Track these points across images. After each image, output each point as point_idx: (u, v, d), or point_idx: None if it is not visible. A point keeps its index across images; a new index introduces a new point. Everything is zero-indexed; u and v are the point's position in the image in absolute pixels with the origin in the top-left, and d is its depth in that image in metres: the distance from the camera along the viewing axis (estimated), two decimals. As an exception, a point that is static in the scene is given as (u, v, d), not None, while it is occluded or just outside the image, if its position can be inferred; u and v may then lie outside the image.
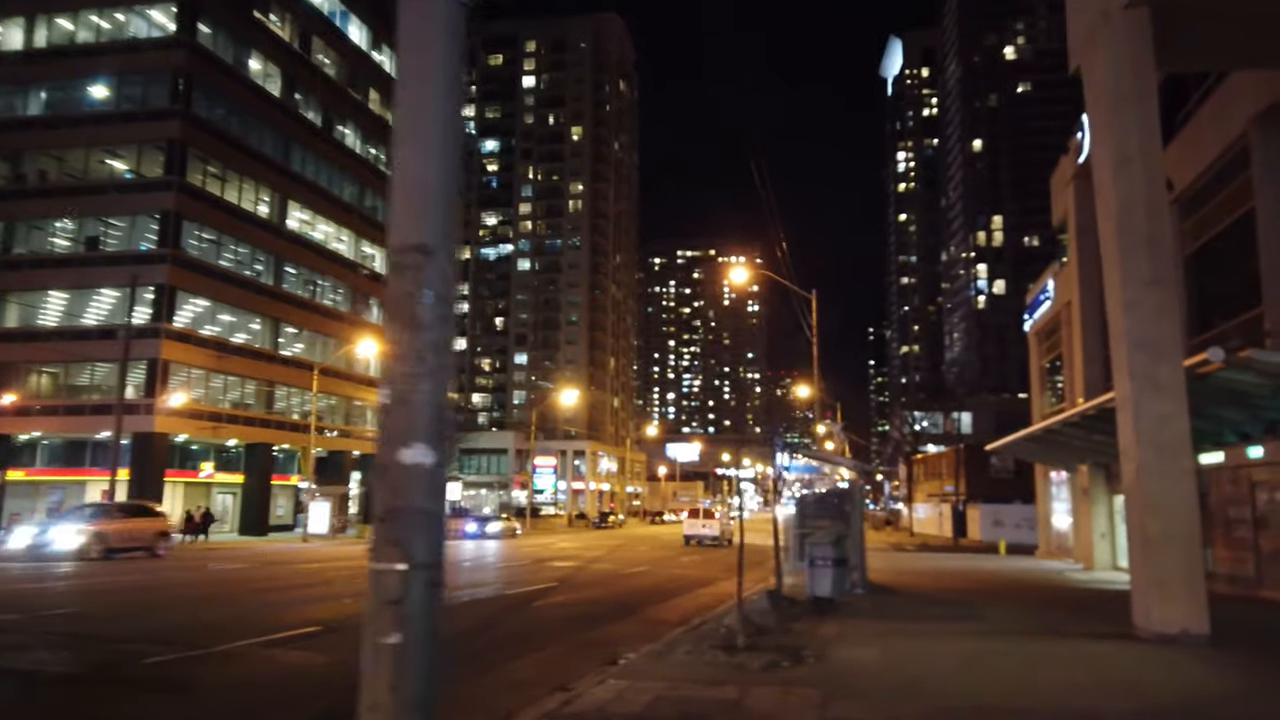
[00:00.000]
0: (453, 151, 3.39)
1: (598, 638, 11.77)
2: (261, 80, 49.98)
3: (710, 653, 9.12)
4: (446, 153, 3.34)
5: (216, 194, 46.30)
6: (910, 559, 33.15)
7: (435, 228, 3.21)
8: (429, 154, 3.32)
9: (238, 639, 10.70)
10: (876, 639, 10.93)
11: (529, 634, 12.00)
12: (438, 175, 3.30)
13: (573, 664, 9.54)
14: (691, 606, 16.21)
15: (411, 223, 3.25)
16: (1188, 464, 11.04)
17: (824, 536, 15.45)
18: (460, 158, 3.53)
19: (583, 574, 23.14)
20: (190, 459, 49.77)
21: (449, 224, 3.18)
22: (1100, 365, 27.06)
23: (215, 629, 11.75)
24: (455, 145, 3.38)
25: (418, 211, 3.23)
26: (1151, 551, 10.80)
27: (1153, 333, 11.08)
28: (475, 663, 9.90)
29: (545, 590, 18.12)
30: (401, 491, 3.10)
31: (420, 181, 3.29)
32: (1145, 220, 11.26)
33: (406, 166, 3.36)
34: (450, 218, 3.21)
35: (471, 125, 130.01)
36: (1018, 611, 15.18)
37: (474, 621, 13.30)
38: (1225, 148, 17.91)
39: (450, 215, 3.22)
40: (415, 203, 3.24)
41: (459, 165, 3.50)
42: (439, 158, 3.32)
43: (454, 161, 3.40)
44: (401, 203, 3.30)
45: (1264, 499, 17.56)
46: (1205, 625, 10.61)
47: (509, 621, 13.45)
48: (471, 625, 12.89)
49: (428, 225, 3.21)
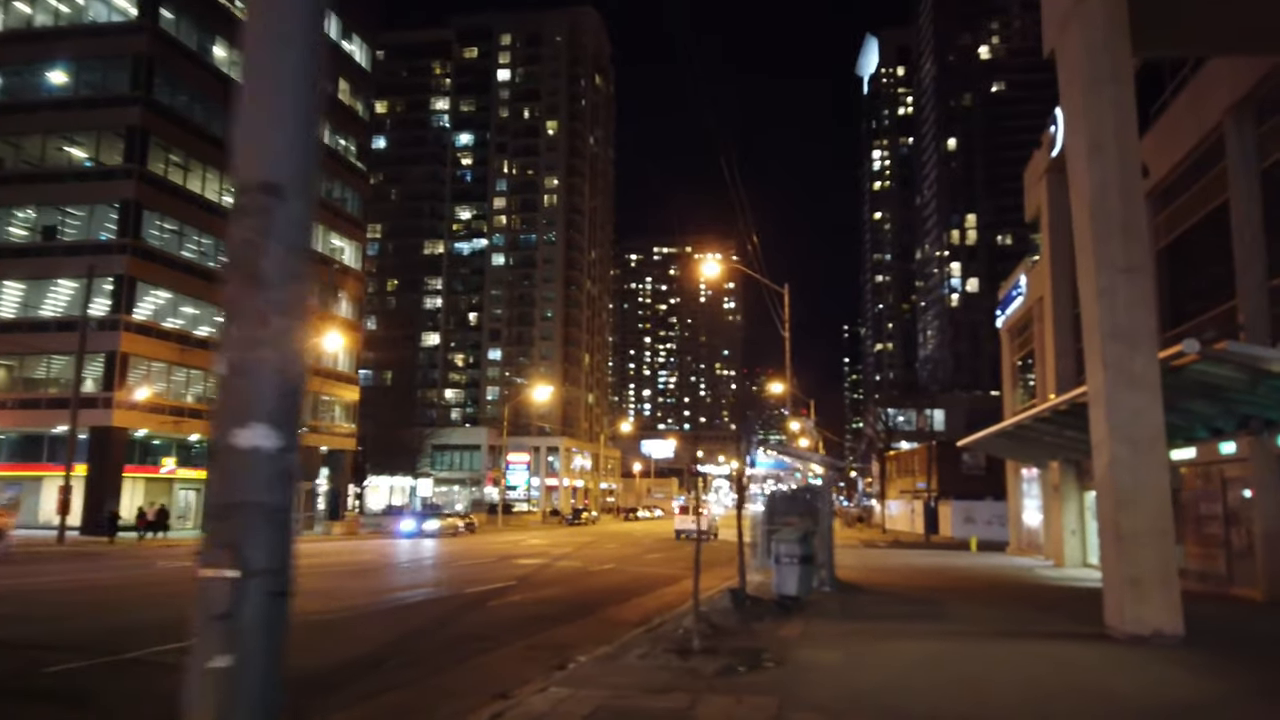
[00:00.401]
0: (313, 69, 2.81)
1: (551, 639, 11.24)
2: (226, 68, 48.83)
3: (663, 656, 8.62)
4: (306, 70, 2.77)
5: (179, 183, 45.21)
6: (881, 556, 32.87)
7: (288, 164, 2.65)
8: (284, 69, 2.74)
9: (155, 644, 10.05)
10: (840, 641, 10.47)
11: (480, 635, 11.43)
12: (294, 97, 2.73)
13: (520, 668, 9.01)
14: (654, 605, 15.73)
15: (258, 156, 2.68)
16: (1162, 458, 10.67)
17: (790, 533, 15.00)
18: (322, 82, 2.94)
19: (546, 572, 22.59)
20: (152, 454, 48.63)
21: (309, 162, 2.62)
22: (1072, 360, 26.86)
23: (138, 631, 11.10)
24: (316, 61, 2.81)
25: (267, 142, 2.66)
26: (1124, 549, 10.41)
27: (1127, 322, 10.69)
28: (417, 667, 9.34)
29: (504, 589, 17.56)
30: (236, 482, 2.56)
31: (273, 103, 2.72)
32: (1120, 205, 10.87)
33: (257, 82, 2.78)
34: (310, 154, 2.65)
35: (446, 118, 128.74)
36: (987, 610, 14.80)
37: (424, 622, 12.74)
38: (1200, 138, 17.64)
39: (310, 152, 2.66)
40: (265, 130, 2.68)
41: (322, 87, 2.92)
42: (296, 75, 2.74)
43: (315, 80, 2.82)
44: (248, 129, 2.73)
45: (1235, 495, 17.33)
46: (1179, 626, 10.23)
47: (461, 622, 12.88)
48: (420, 626, 12.34)
49: (279, 160, 2.65)
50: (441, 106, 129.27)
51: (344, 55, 60.11)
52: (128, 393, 41.91)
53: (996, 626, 12.43)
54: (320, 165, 2.93)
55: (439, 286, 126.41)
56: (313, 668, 9.37)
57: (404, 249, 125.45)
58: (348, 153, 60.42)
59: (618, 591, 17.88)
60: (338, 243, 59.05)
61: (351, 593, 16.68)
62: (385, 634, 11.51)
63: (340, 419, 60.50)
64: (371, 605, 14.85)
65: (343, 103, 59.63)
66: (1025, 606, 15.64)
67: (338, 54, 59.31)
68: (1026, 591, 19.27)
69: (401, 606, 14.52)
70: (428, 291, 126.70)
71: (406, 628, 12.13)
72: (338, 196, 59.06)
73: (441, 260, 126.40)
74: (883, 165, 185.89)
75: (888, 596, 17.01)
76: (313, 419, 56.92)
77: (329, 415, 59.25)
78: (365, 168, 63.87)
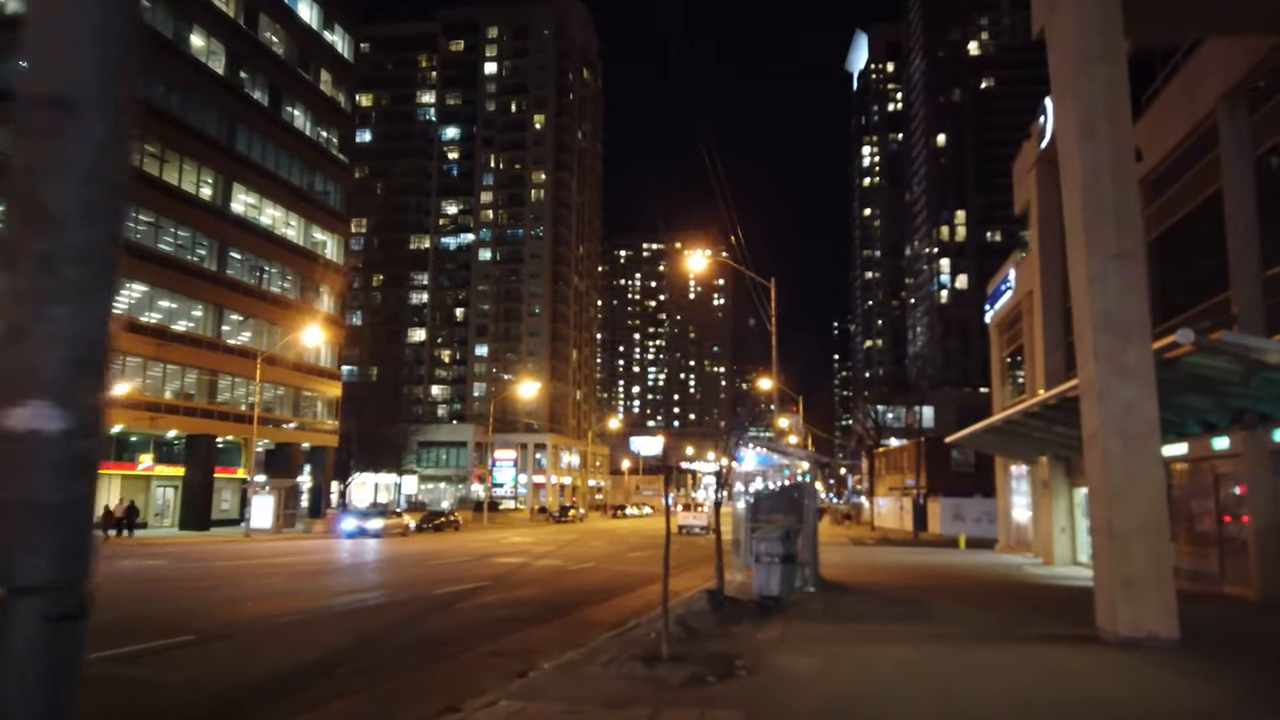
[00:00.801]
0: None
1: (518, 644, 10.69)
2: (204, 57, 48.02)
3: (629, 664, 8.07)
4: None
5: (155, 174, 44.35)
6: (868, 553, 32.44)
7: (88, 73, 2.07)
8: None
9: (92, 650, 9.47)
10: (820, 644, 9.95)
11: (442, 639, 10.86)
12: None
13: (479, 676, 8.47)
14: (633, 606, 15.21)
15: (48, 62, 2.09)
16: (1156, 453, 10.18)
17: (771, 531, 14.49)
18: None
19: (524, 571, 22.02)
20: (128, 451, 47.84)
21: (118, 72, 2.05)
22: (1061, 354, 26.45)
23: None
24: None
25: (59, 44, 2.07)
26: (1117, 547, 9.92)
27: (1119, 310, 10.20)
28: (370, 674, 8.78)
29: (476, 589, 16.98)
30: (5, 475, 1.99)
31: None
32: (1113, 189, 10.37)
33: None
34: (121, 64, 2.08)
35: (432, 112, 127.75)
36: (974, 611, 14.31)
37: (385, 625, 12.16)
38: (1193, 126, 17.18)
39: (121, 60, 2.09)
40: (58, 30, 2.08)
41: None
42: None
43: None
44: (38, 30, 2.12)
45: (1228, 492, 16.92)
46: (1174, 628, 9.75)
47: (425, 625, 12.31)
48: (380, 630, 11.75)
49: (74, 67, 2.07)
50: (427, 100, 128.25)
51: (325, 45, 59.31)
52: (121, 390, 41.18)
53: (984, 629, 11.93)
54: (137, 80, 2.35)
55: (425, 282, 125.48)
56: (258, 675, 8.82)
57: (390, 244, 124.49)
58: (330, 145, 59.63)
59: (596, 591, 17.34)
60: (319, 236, 58.26)
61: (314, 593, 16.11)
62: (341, 638, 10.94)
63: (323, 415, 59.75)
64: (333, 607, 14.26)
65: (324, 93, 58.82)
66: (1014, 606, 15.16)
67: (319, 44, 58.54)
68: (1015, 590, 18.82)
69: (364, 608, 13.92)
70: (414, 287, 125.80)
71: (366, 631, 11.55)
72: (320, 189, 58.28)
73: (428, 255, 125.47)
74: (872, 161, 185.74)
75: (873, 596, 16.52)
76: (295, 415, 56.19)
77: (311, 411, 58.52)
78: (348, 160, 63.05)
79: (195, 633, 10.91)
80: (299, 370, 55.39)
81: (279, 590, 16.28)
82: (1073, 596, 17.55)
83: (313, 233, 57.42)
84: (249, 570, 21.34)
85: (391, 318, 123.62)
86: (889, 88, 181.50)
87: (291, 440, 55.95)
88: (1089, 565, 25.10)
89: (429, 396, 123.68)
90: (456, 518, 59.60)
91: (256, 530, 43.07)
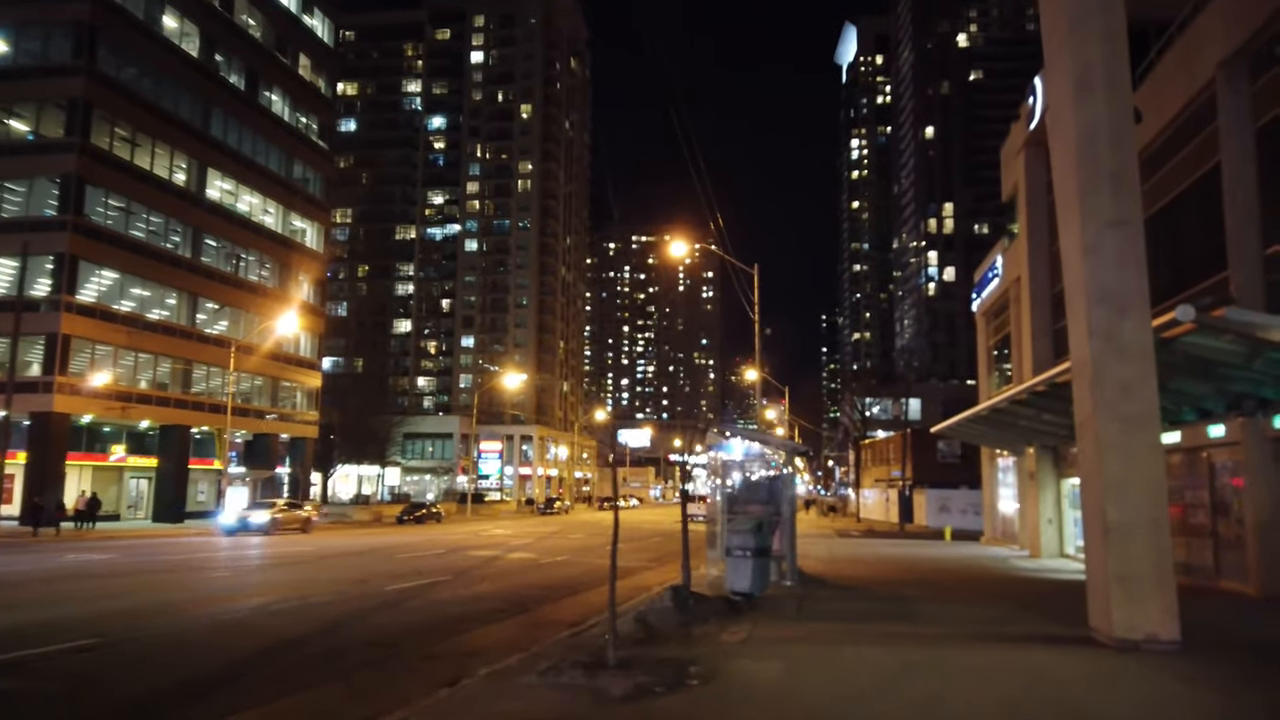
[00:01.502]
0: None
1: (460, 646, 9.81)
2: (178, 39, 46.79)
3: (570, 672, 7.22)
4: None
5: (126, 158, 43.21)
6: (852, 546, 31.70)
7: None
8: None
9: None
10: (788, 647, 9.10)
11: (379, 642, 9.97)
12: None
13: (405, 685, 7.61)
14: (598, 603, 14.32)
15: None
16: (1156, 438, 9.36)
17: (743, 523, 13.65)
18: None
19: (494, 565, 21.14)
20: (100, 441, 46.77)
21: None
22: (1049, 341, 25.74)
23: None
24: None
25: None
26: (1113, 541, 9.08)
27: (1116, 283, 9.37)
28: (282, 682, 7.89)
29: (435, 584, 16.06)
30: None
31: None
32: (1109, 151, 9.53)
33: None
34: None
35: (418, 101, 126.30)
36: (958, 608, 13.51)
37: (318, 626, 11.21)
38: (1190, 98, 16.37)
39: None
40: None
41: None
42: None
43: None
44: None
45: (1224, 482, 16.17)
46: (1175, 630, 8.92)
47: (365, 625, 11.40)
48: (312, 631, 10.81)
49: None
50: (414, 89, 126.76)
51: (304, 29, 58.08)
52: (76, 378, 40.08)
53: (968, 628, 11.10)
54: None
55: (411, 273, 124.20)
56: (152, 684, 7.90)
57: (375, 234, 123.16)
58: (309, 131, 58.43)
59: (562, 587, 16.46)
60: (299, 224, 57.11)
61: (256, 589, 15.18)
62: (262, 641, 10.00)
63: (302, 406, 58.65)
64: (270, 606, 13.22)
65: (303, 79, 57.60)
66: (1001, 603, 14.35)
67: (297, 28, 57.32)
68: (1002, 585, 18.04)
69: (303, 607, 12.89)
70: (399, 278, 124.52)
71: (295, 633, 10.62)
72: (299, 176, 57.11)
73: (413, 246, 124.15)
74: (861, 154, 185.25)
75: (853, 591, 15.72)
76: (273, 405, 55.12)
77: (290, 402, 57.43)
78: (328, 147, 61.82)
79: (102, 635, 9.99)
80: (277, 360, 54.27)
81: (220, 587, 15.37)
82: (1062, 591, 16.81)
83: (291, 220, 56.27)
84: (197, 564, 20.40)
85: (377, 309, 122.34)
86: (878, 81, 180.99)
87: (270, 431, 54.90)
88: (1076, 558, 24.44)
89: (415, 388, 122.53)
90: (438, 510, 58.66)
91: (230, 522, 41.94)
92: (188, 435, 48.13)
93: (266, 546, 27.87)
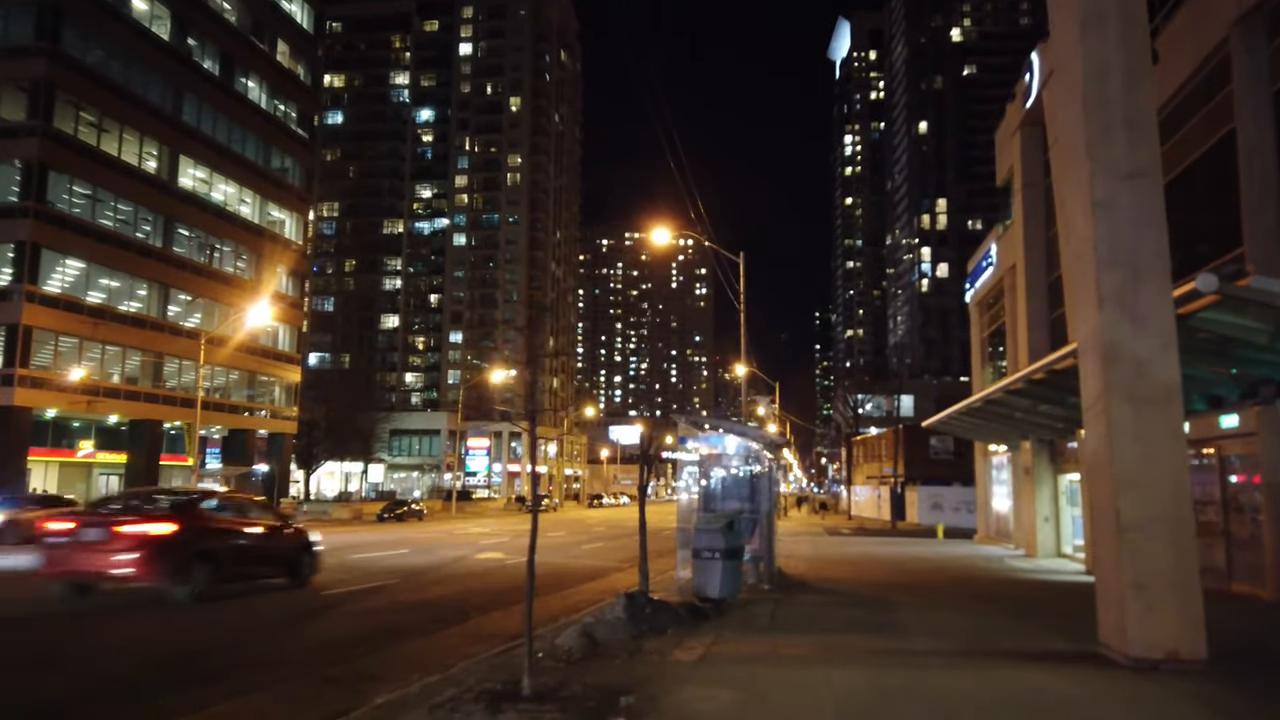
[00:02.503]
0: None
1: (371, 666, 8.48)
2: (148, 21, 45.29)
3: (468, 707, 5.93)
4: None
5: (92, 143, 41.70)
6: (841, 544, 30.48)
7: None
8: None
9: None
10: (748, 669, 7.80)
11: (281, 659, 8.65)
12: None
13: (283, 716, 6.32)
14: (555, 608, 13.11)
15: None
16: (1177, 423, 8.07)
17: (712, 521, 12.36)
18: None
19: (455, 566, 19.83)
20: (68, 437, 45.38)
21: None
22: (1046, 331, 24.55)
23: None
24: None
25: None
26: (1128, 543, 7.80)
27: (1132, 243, 8.09)
28: (134, 706, 6.57)
29: (379, 588, 14.73)
30: None
31: None
32: (1124, 92, 8.26)
33: None
34: None
35: (406, 94, 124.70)
36: (949, 616, 12.24)
37: (220, 636, 9.88)
38: (1201, 62, 15.12)
39: None
40: None
41: None
42: None
43: None
44: None
45: (1237, 477, 14.95)
46: (1201, 646, 7.63)
47: (273, 638, 10.08)
48: (197, 648, 9.44)
49: None
50: (401, 81, 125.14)
51: (283, 15, 56.58)
52: (38, 371, 38.64)
53: (958, 642, 9.81)
54: None
55: (399, 267, 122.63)
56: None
57: (362, 228, 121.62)
58: (288, 119, 56.94)
59: (519, 590, 15.12)
60: (277, 214, 55.62)
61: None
62: (132, 657, 8.68)
63: (281, 400, 57.21)
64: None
65: (282, 65, 56.10)
66: (996, 610, 13.08)
67: (275, 13, 55.80)
68: (997, 588, 16.79)
69: (208, 619, 11.49)
70: (387, 272, 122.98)
71: (176, 645, 9.31)
72: (277, 166, 55.64)
73: (401, 240, 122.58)
74: (854, 150, 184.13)
75: (836, 596, 14.45)
76: (250, 400, 53.72)
77: (268, 396, 56.00)
78: (308, 135, 60.32)
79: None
80: (254, 354, 52.83)
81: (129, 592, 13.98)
82: (1062, 595, 15.58)
83: (269, 210, 54.80)
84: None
85: (364, 304, 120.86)
86: (871, 76, 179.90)
87: (246, 426, 53.48)
88: (1075, 558, 23.24)
89: (403, 384, 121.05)
90: (421, 507, 57.40)
91: (200, 521, 40.50)
92: (159, 430, 46.71)
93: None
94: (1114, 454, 7.98)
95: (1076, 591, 16.05)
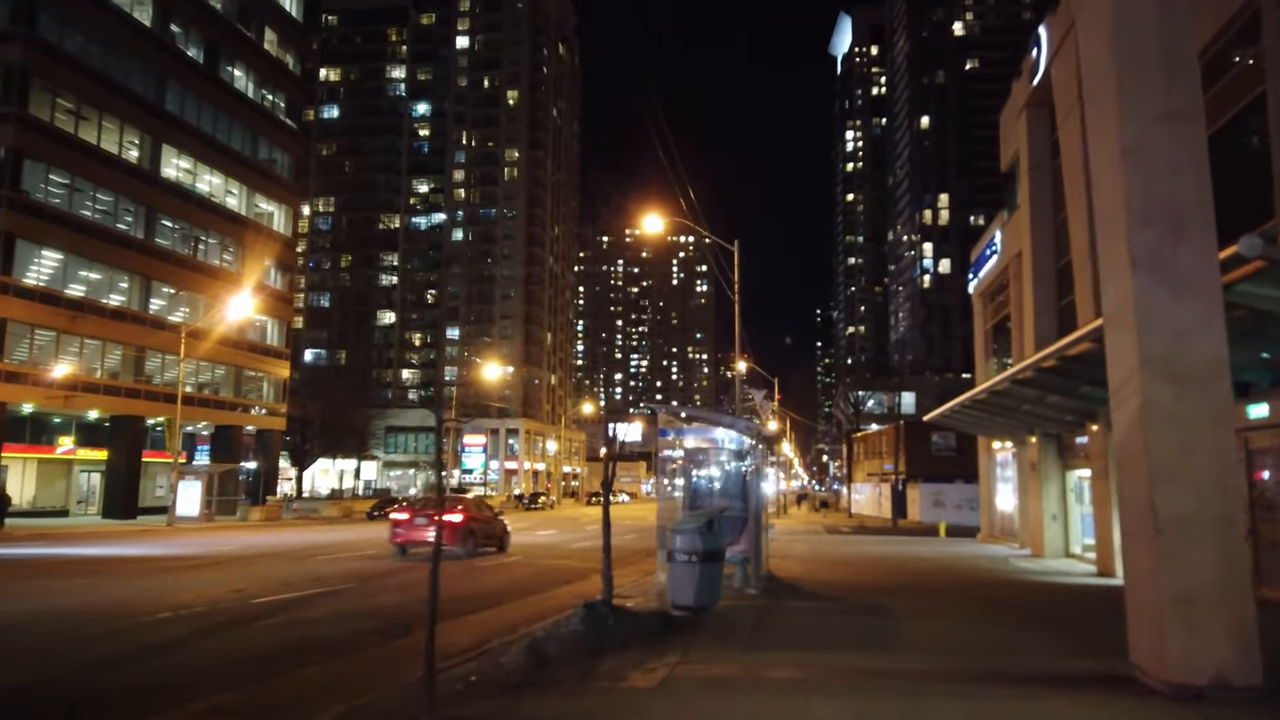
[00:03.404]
0: None
1: (277, 691, 7.24)
2: (129, 7, 44.08)
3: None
4: None
5: (70, 131, 40.51)
6: (839, 544, 29.28)
7: None
8: None
9: None
10: (712, 698, 6.57)
11: (171, 683, 7.30)
12: None
13: None
14: (519, 616, 11.89)
15: None
16: (1226, 404, 6.82)
17: (689, 521, 11.14)
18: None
19: (423, 568, 18.54)
20: (46, 432, 44.16)
21: None
22: (1053, 319, 23.33)
23: None
24: None
25: None
26: (1168, 547, 6.55)
27: (1169, 194, 6.88)
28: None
29: (326, 594, 13.49)
30: None
31: None
32: (1159, 20, 7.04)
33: None
34: None
35: (402, 87, 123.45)
36: (951, 626, 11.02)
37: (111, 652, 8.66)
38: (1227, 21, 13.91)
39: None
40: None
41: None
42: None
43: None
44: None
45: (1267, 473, 13.72)
46: (1256, 671, 6.37)
47: (171, 654, 8.76)
48: (81, 662, 8.22)
49: None
50: (398, 75, 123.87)
51: (270, 2, 55.31)
52: (14, 365, 37.49)
53: (962, 660, 8.56)
54: None
55: (395, 263, 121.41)
56: None
57: (359, 223, 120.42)
58: (276, 109, 55.72)
59: (485, 597, 13.93)
60: (265, 206, 54.44)
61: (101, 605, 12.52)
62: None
63: (270, 396, 56.01)
64: (81, 628, 10.55)
65: (269, 53, 54.87)
66: (1003, 618, 11.86)
67: (262, 0, 54.52)
68: (1003, 592, 15.58)
69: (126, 628, 10.18)
70: (383, 268, 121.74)
71: (59, 666, 8.11)
72: (265, 156, 54.42)
73: (398, 235, 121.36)
74: (856, 146, 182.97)
75: (829, 602, 13.25)
76: (237, 396, 52.54)
77: (256, 392, 54.82)
78: (297, 126, 59.11)
79: None
80: (241, 348, 51.66)
81: (70, 598, 12.80)
82: (1076, 601, 14.37)
83: (257, 202, 53.60)
84: (78, 568, 17.78)
85: (360, 299, 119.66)
86: (872, 71, 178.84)
87: (233, 422, 52.30)
88: (1084, 558, 22.00)
89: (399, 381, 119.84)
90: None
91: (182, 518, 39.38)
92: (141, 426, 45.56)
93: (172, 545, 25.30)
94: (1149, 441, 6.74)
95: (1091, 596, 14.85)
